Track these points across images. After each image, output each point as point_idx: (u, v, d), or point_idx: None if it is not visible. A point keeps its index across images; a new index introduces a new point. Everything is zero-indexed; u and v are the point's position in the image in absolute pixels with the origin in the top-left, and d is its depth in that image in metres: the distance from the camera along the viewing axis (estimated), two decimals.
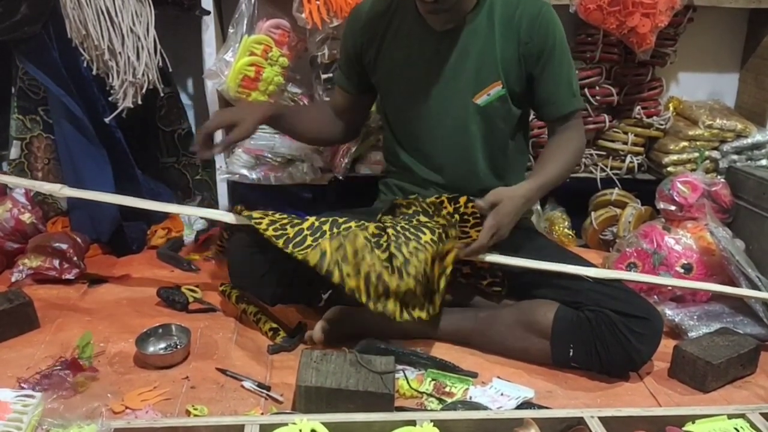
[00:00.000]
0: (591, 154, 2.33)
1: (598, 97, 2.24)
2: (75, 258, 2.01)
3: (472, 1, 1.69)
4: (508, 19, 1.68)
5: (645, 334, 1.56)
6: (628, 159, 2.32)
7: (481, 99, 1.73)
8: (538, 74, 1.70)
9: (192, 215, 2.35)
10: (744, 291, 1.77)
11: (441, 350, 1.69)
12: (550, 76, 1.69)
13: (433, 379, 1.56)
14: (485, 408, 1.43)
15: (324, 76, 2.18)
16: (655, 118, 2.30)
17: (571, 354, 1.59)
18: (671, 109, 2.38)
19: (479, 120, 1.75)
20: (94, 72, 2.03)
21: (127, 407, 1.44)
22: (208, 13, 2.16)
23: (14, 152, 2.24)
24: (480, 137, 1.77)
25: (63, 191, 1.90)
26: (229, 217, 1.78)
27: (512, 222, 1.61)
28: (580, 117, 1.80)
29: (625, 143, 2.31)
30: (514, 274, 1.71)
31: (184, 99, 2.49)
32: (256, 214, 1.68)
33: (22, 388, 1.47)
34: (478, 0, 1.69)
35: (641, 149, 2.35)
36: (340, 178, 2.28)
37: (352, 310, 1.68)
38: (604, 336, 1.55)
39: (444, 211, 1.71)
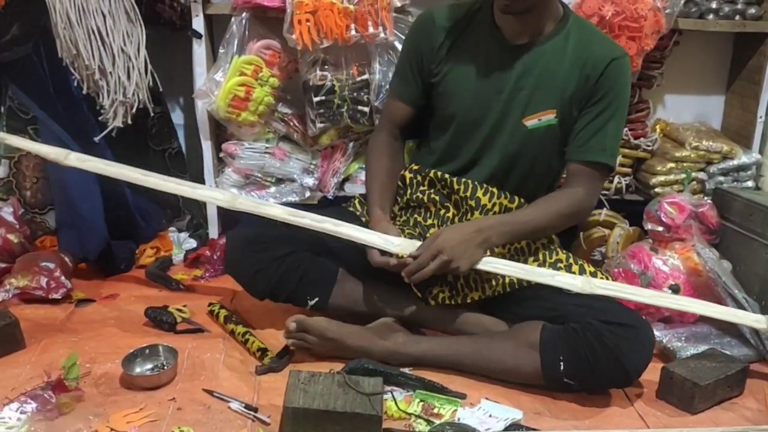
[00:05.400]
0: None
1: None
2: (62, 277, 2.00)
3: (553, 21, 1.67)
4: (581, 52, 1.66)
5: (632, 340, 1.55)
6: (616, 180, 2.33)
7: (530, 122, 1.70)
8: (584, 115, 1.67)
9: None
10: (728, 313, 1.76)
11: (429, 371, 1.68)
12: (592, 122, 1.66)
13: (421, 400, 1.56)
14: (474, 429, 1.43)
15: (316, 99, 2.18)
16: (642, 139, 2.32)
17: (561, 368, 1.56)
18: (658, 130, 2.40)
19: (523, 143, 1.72)
20: (84, 91, 2.04)
21: (112, 429, 1.43)
22: (200, 36, 2.18)
23: (2, 171, 2.23)
24: (516, 161, 1.74)
25: (69, 159, 1.74)
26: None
27: (464, 249, 1.58)
28: (601, 176, 1.72)
29: None
30: (493, 293, 1.71)
31: (175, 118, 2.49)
32: None
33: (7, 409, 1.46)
34: (558, 24, 1.67)
35: (629, 170, 2.36)
36: (330, 197, 2.29)
37: (336, 325, 1.68)
38: (593, 345, 1.53)
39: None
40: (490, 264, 1.64)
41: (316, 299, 1.74)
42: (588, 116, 1.67)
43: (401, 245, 1.65)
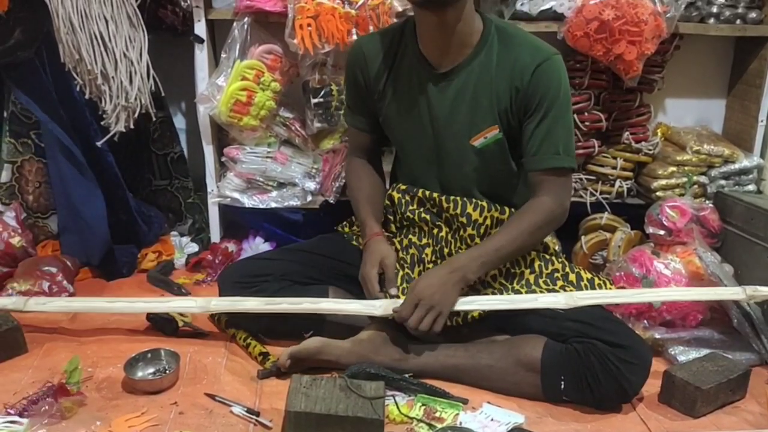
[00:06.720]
0: (581, 179, 2.35)
1: (587, 123, 2.26)
2: (65, 282, 2.01)
3: (475, 37, 1.65)
4: (506, 63, 1.64)
5: (634, 363, 1.55)
6: (618, 183, 2.33)
7: (477, 141, 1.70)
8: (527, 125, 1.65)
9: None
10: (708, 293, 1.79)
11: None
12: (537, 129, 1.63)
13: (423, 405, 1.56)
14: None
15: (314, 101, 2.19)
16: (643, 143, 2.32)
17: (562, 387, 1.57)
18: (659, 134, 2.40)
19: (477, 161, 1.73)
20: (86, 96, 2.04)
21: None
22: (202, 41, 2.18)
23: (5, 176, 2.23)
24: (477, 177, 1.75)
25: (28, 305, 1.79)
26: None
27: (442, 292, 1.58)
28: (565, 179, 1.69)
29: (614, 168, 2.33)
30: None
31: (177, 123, 2.50)
32: None
33: (9, 413, 1.46)
34: (481, 38, 1.65)
35: (630, 174, 2.36)
36: (331, 201, 2.29)
37: (329, 345, 1.67)
38: (594, 367, 1.53)
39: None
40: (471, 303, 1.65)
41: (311, 332, 1.73)
42: (531, 125, 1.64)
43: (383, 306, 1.67)
